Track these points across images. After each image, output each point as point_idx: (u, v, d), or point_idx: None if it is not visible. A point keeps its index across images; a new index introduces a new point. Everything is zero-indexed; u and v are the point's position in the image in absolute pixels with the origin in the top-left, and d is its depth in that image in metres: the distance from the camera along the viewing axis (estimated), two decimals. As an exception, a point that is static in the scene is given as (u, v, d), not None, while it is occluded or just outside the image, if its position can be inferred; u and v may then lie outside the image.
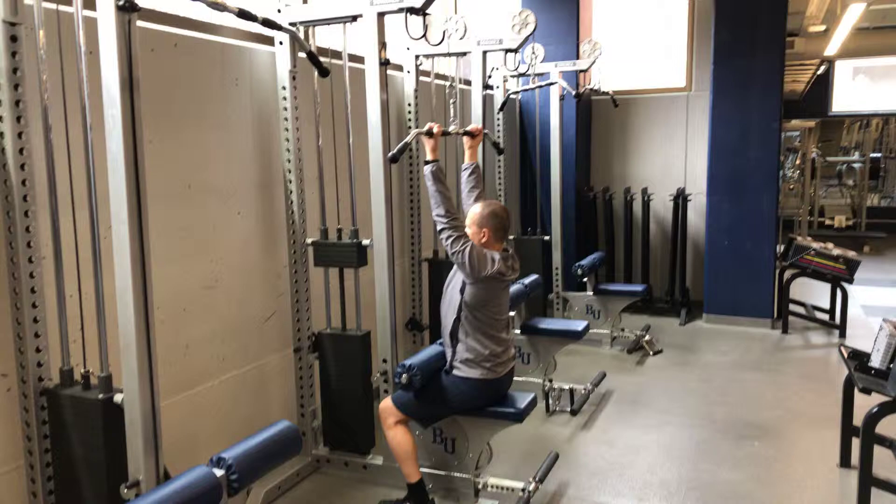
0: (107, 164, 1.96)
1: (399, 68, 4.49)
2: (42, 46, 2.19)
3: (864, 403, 3.03)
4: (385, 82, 3.17)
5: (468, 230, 3.02)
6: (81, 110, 2.17)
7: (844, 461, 3.43)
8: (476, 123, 4.69)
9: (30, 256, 2.20)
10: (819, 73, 10.37)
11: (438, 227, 2.91)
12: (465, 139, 3.29)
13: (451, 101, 3.47)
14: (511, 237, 5.23)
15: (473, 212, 3.02)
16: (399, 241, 4.51)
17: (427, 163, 3.01)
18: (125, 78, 1.91)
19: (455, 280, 3.00)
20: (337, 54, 3.49)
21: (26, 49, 2.17)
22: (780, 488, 3.27)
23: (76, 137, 2.24)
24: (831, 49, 8.77)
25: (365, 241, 3.28)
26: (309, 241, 3.39)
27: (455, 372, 2.98)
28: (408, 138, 3.06)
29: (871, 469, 2.91)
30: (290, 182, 3.35)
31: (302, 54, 3.23)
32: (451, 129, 3.28)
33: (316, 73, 3.26)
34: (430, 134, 3.03)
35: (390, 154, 3.01)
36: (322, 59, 3.13)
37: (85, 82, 2.16)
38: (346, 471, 3.41)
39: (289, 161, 3.34)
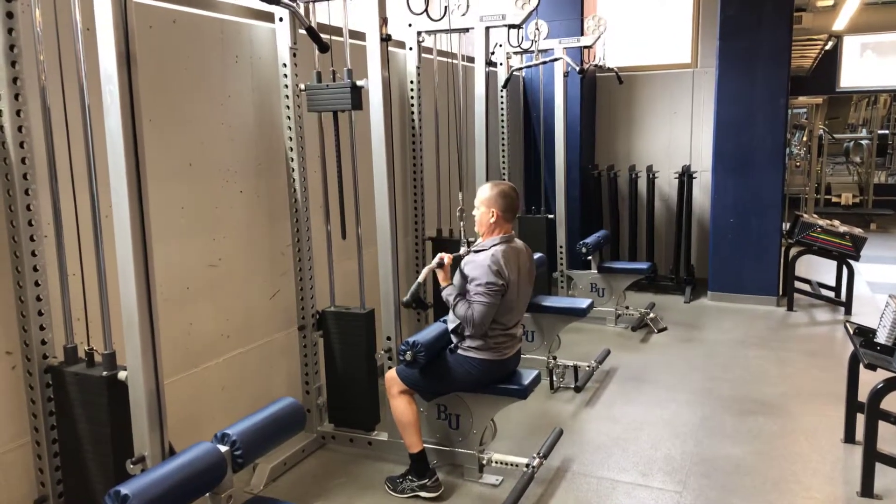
0: (106, 142, 1.95)
1: (401, 45, 4.45)
2: (38, 23, 2.17)
3: (869, 379, 3.02)
4: (386, 59, 3.13)
5: (477, 211, 3.00)
6: (79, 88, 2.16)
7: (849, 437, 3.44)
8: (480, 112, 4.61)
9: (31, 235, 2.21)
10: (827, 48, 10.23)
11: (477, 329, 2.89)
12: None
13: (460, 219, 3.24)
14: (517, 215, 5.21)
15: (482, 192, 3.00)
16: (402, 220, 4.51)
17: (442, 289, 3.02)
18: (122, 54, 1.89)
19: (456, 285, 2.99)
20: (337, 31, 3.46)
21: (23, 26, 2.15)
22: (784, 464, 3.28)
23: (75, 115, 2.23)
24: (839, 24, 8.65)
25: (360, 82, 3.16)
26: (301, 86, 3.31)
27: (461, 352, 2.99)
28: (420, 278, 3.05)
29: (875, 444, 2.91)
30: (292, 160, 3.33)
31: (302, 31, 3.20)
32: (462, 251, 3.15)
33: (317, 51, 3.23)
34: (440, 266, 3.03)
35: (403, 300, 3.04)
36: (322, 35, 3.10)
37: (82, 59, 2.14)
38: (352, 447, 3.43)
39: (290, 139, 3.32)
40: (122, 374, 2.14)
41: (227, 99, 3.13)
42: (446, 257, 3.04)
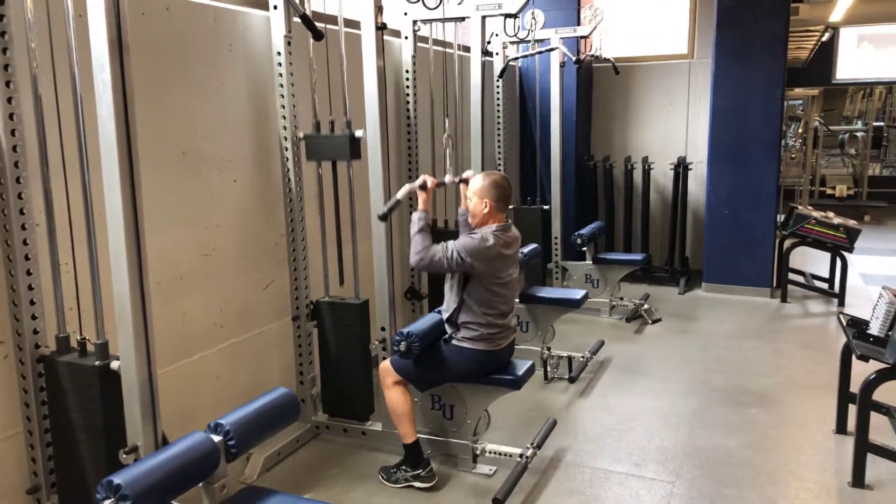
0: (98, 130, 1.93)
1: (396, 34, 4.43)
2: (30, 10, 2.15)
3: (862, 371, 3.04)
4: (382, 48, 3.11)
5: (470, 201, 3.00)
6: (71, 76, 2.14)
7: (841, 428, 3.46)
8: (475, 102, 4.60)
9: (23, 223, 2.19)
10: (823, 40, 10.22)
11: (423, 265, 2.89)
12: (462, 186, 3.25)
13: (446, 147, 3.32)
14: (511, 207, 5.21)
15: (475, 183, 2.99)
16: (398, 210, 4.48)
17: (417, 211, 2.97)
18: (115, 41, 1.86)
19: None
20: (332, 19, 3.43)
21: (14, 13, 2.13)
22: (777, 454, 3.30)
23: (67, 103, 2.21)
24: (836, 15, 8.62)
25: (358, 132, 3.18)
26: (301, 134, 3.32)
27: (455, 342, 2.99)
28: (399, 194, 2.99)
29: (867, 435, 2.93)
30: (287, 150, 3.32)
31: (297, 19, 3.17)
32: (447, 179, 3.17)
33: (311, 40, 3.21)
34: (424, 188, 2.99)
35: (380, 213, 2.99)
36: (317, 24, 3.08)
37: (74, 47, 2.12)
38: (346, 437, 3.43)
39: (284, 128, 3.30)
40: (114, 364, 2.13)
41: (220, 87, 3.11)
42: (430, 180, 3.01)
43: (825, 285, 6.08)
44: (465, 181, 3.20)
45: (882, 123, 11.97)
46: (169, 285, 2.89)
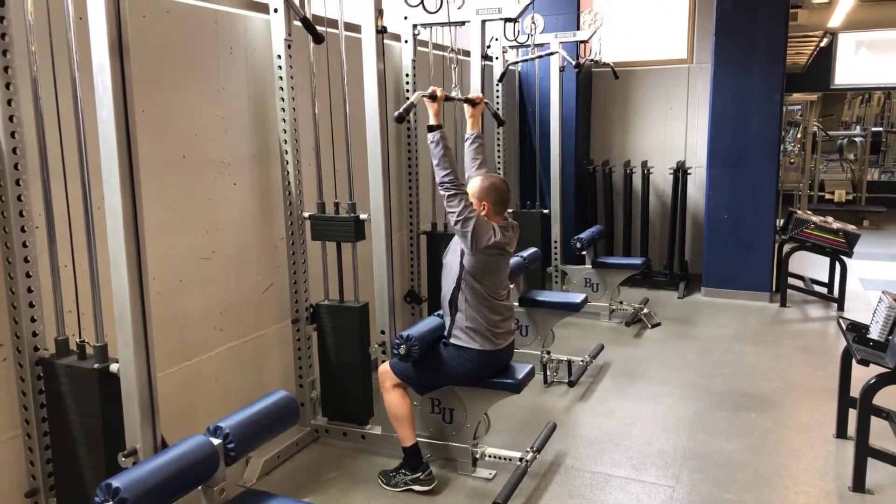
0: (98, 133, 1.93)
1: (397, 38, 4.43)
2: (30, 12, 2.15)
3: (862, 375, 3.03)
4: (382, 51, 3.11)
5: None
6: (71, 78, 2.14)
7: (841, 432, 3.45)
8: (478, 93, 4.63)
9: (22, 226, 2.19)
10: (822, 45, 10.24)
11: (445, 193, 2.88)
12: (467, 108, 3.27)
13: (453, 66, 3.43)
14: (510, 210, 5.20)
15: (473, 185, 2.99)
16: (397, 214, 4.49)
17: (430, 128, 2.96)
18: (115, 43, 1.86)
19: (454, 249, 2.98)
20: (333, 23, 3.44)
21: (14, 15, 2.13)
22: (777, 458, 3.29)
23: (67, 106, 2.20)
24: (835, 21, 8.65)
25: (363, 216, 3.25)
26: (306, 214, 3.36)
27: (454, 342, 2.98)
28: (412, 98, 3.02)
29: (867, 439, 2.92)
30: (287, 153, 3.32)
31: (297, 22, 3.17)
32: (454, 93, 3.26)
33: (312, 43, 3.21)
34: (433, 97, 2.99)
35: (396, 114, 2.94)
36: (318, 27, 3.08)
37: (75, 49, 2.12)
38: (345, 441, 3.42)
39: (284, 132, 3.31)
40: (113, 367, 2.13)
41: (221, 90, 3.11)
42: (439, 90, 3.01)
43: (824, 290, 6.08)
44: (471, 101, 3.25)
45: (881, 129, 12.00)
46: (168, 288, 2.88)
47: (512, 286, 3.68)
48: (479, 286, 2.92)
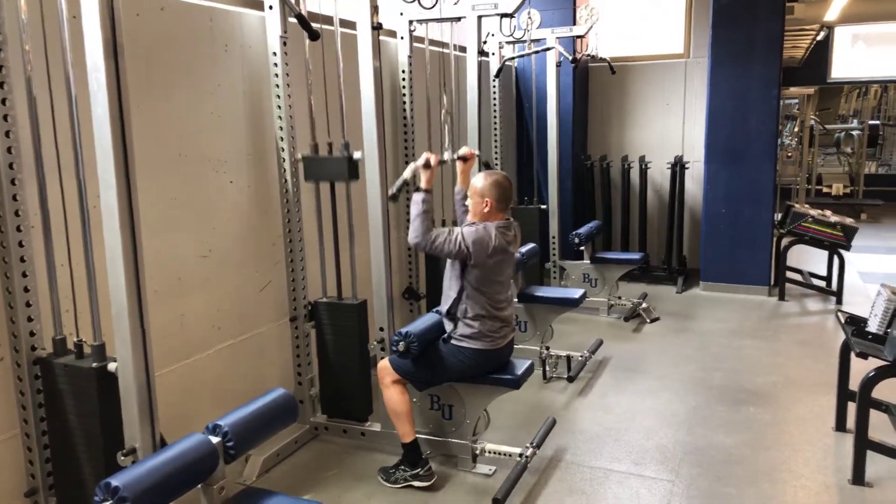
0: (93, 132, 1.92)
1: (392, 34, 4.42)
2: (23, 11, 2.14)
3: (861, 368, 3.04)
4: (378, 48, 3.11)
5: (470, 201, 2.99)
6: (66, 77, 2.13)
7: (840, 425, 3.46)
8: (472, 102, 4.61)
9: (18, 225, 2.18)
10: (818, 39, 10.23)
11: (424, 251, 2.92)
12: (458, 163, 3.31)
13: (446, 122, 3.41)
14: (507, 206, 5.21)
15: (476, 182, 2.99)
16: (395, 210, 4.49)
17: (420, 190, 2.96)
18: (109, 41, 1.85)
19: (456, 260, 2.98)
20: (328, 20, 3.43)
21: (7, 14, 2.11)
22: (776, 452, 3.30)
23: (62, 105, 2.19)
24: (831, 14, 8.64)
25: (356, 154, 3.18)
26: (299, 156, 3.33)
27: (454, 341, 2.98)
28: (405, 174, 3.03)
29: (866, 432, 2.93)
30: (283, 150, 3.31)
31: (292, 19, 3.17)
32: (446, 156, 3.27)
33: (307, 41, 3.21)
34: (427, 166, 2.99)
35: (389, 194, 3.01)
36: (312, 24, 3.07)
37: (68, 48, 2.11)
38: (345, 438, 3.42)
39: (281, 129, 3.30)
40: (111, 366, 2.12)
41: (216, 88, 3.10)
42: (433, 158, 3.01)
43: (823, 283, 6.08)
44: (463, 158, 3.26)
45: (877, 122, 12.00)
46: (166, 287, 2.88)
47: (511, 290, 3.68)
48: (481, 296, 2.92)
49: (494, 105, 5.72)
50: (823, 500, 2.89)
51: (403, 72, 4.44)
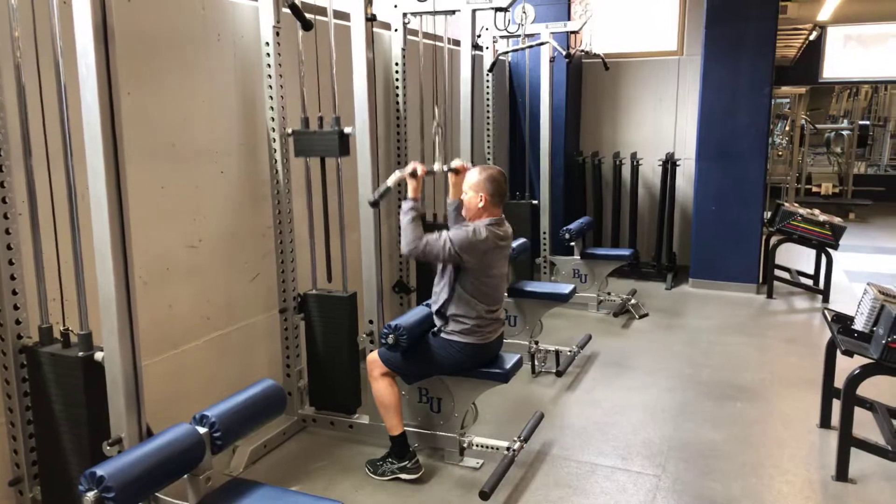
0: (82, 119, 1.90)
1: (386, 27, 4.40)
2: (13, -6, 2.12)
3: (846, 366, 3.06)
4: (371, 39, 3.09)
5: (465, 195, 2.98)
6: (55, 63, 2.11)
7: (825, 422, 3.49)
8: (465, 96, 4.60)
9: (5, 213, 2.16)
10: (811, 38, 10.28)
11: (414, 255, 2.89)
12: (450, 175, 3.22)
13: (436, 135, 3.35)
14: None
15: (471, 177, 2.98)
16: (385, 203, 4.46)
17: (407, 199, 2.94)
18: (99, 27, 1.83)
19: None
20: (322, 10, 3.41)
21: (-4, -3, 2.09)
22: (762, 448, 3.32)
23: (51, 92, 2.17)
24: (824, 14, 8.68)
25: (347, 129, 3.18)
26: (289, 131, 3.31)
27: (444, 335, 2.98)
28: (389, 181, 2.97)
29: (851, 429, 2.95)
30: (275, 141, 3.29)
31: (285, 9, 3.14)
32: (436, 167, 3.18)
33: (300, 31, 3.19)
34: (414, 175, 2.96)
35: (370, 200, 2.98)
36: (306, 15, 3.06)
37: (58, 34, 2.09)
38: (333, 430, 3.42)
39: (272, 119, 3.28)
40: (98, 355, 2.11)
41: (208, 77, 3.08)
42: (420, 167, 2.99)
43: (810, 282, 6.12)
44: (455, 171, 3.18)
45: (867, 122, 12.07)
46: (155, 276, 2.86)
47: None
48: (472, 291, 2.91)
49: (488, 100, 5.71)
50: (807, 495, 2.92)
51: (397, 64, 4.42)
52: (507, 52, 5.88)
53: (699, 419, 3.62)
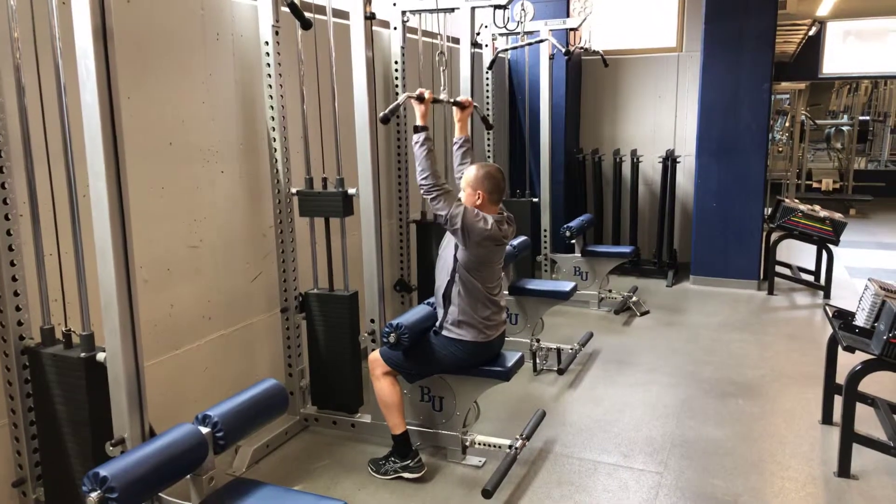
0: (82, 120, 1.90)
1: (385, 25, 4.40)
2: (12, -4, 2.12)
3: (847, 362, 3.06)
4: (370, 38, 3.09)
5: (462, 193, 2.98)
6: (55, 64, 2.10)
7: (826, 418, 3.49)
8: (465, 93, 4.60)
9: (6, 214, 2.16)
10: (810, 34, 10.27)
11: (428, 195, 2.86)
12: (455, 110, 3.22)
13: (442, 68, 3.40)
14: (499, 198, 5.19)
15: (468, 174, 2.97)
16: (386, 202, 4.47)
17: (416, 129, 2.93)
18: (98, 27, 1.83)
19: (449, 242, 2.97)
20: (321, 9, 3.40)
21: (-5, -2, 2.09)
22: (763, 445, 3.32)
23: (50, 92, 2.17)
24: (823, 10, 8.66)
25: (351, 190, 3.22)
26: (294, 190, 3.33)
27: (445, 333, 2.97)
28: (399, 100, 3.00)
29: (853, 425, 2.95)
30: (275, 140, 3.29)
31: (284, 8, 3.14)
32: (442, 96, 3.23)
33: (299, 30, 3.18)
34: (420, 99, 2.96)
35: (381, 115, 2.94)
36: (305, 13, 3.05)
37: (58, 35, 2.09)
38: (335, 429, 3.42)
39: (272, 119, 3.28)
40: (100, 356, 2.11)
41: (208, 77, 3.08)
42: (427, 92, 2.98)
43: (811, 278, 6.12)
44: (460, 105, 3.21)
45: (867, 118, 12.07)
46: (156, 277, 2.86)
47: (503, 276, 3.68)
48: (473, 279, 2.91)
49: (487, 97, 5.71)
50: (810, 491, 2.92)
51: (396, 62, 4.42)
52: (506, 50, 5.87)
53: (701, 416, 3.62)
